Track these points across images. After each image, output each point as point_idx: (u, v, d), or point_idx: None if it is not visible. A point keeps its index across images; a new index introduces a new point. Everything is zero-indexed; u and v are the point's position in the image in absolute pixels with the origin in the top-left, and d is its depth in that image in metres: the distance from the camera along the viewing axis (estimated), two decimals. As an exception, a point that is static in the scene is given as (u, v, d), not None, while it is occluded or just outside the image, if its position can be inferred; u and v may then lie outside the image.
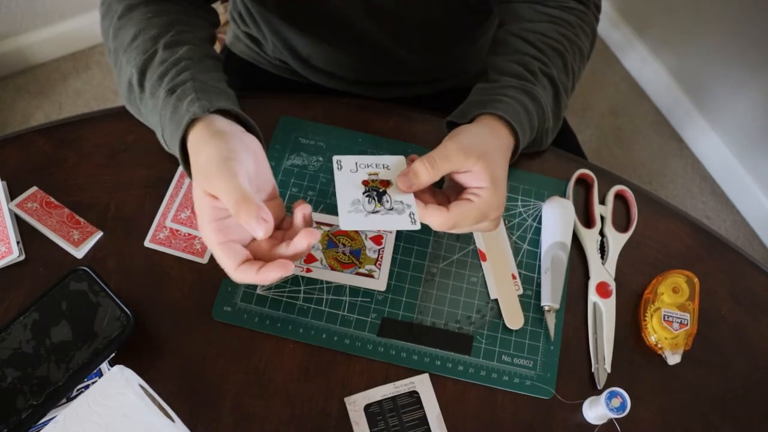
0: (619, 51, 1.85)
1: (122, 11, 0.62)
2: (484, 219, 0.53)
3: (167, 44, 0.59)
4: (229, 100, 0.57)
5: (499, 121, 0.59)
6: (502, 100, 0.59)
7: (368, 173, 0.54)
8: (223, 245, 0.50)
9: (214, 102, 0.55)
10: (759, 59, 1.43)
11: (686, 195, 1.64)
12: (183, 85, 0.56)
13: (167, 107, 0.56)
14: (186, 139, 0.55)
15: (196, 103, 0.54)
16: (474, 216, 0.53)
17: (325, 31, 0.75)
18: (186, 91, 0.56)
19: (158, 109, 0.57)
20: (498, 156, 0.56)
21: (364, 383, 0.57)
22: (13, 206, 0.62)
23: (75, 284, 0.57)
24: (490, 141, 0.56)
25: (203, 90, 0.56)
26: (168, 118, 0.56)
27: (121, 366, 0.48)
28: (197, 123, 0.54)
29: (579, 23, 0.67)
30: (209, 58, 0.62)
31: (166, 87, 0.57)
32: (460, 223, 0.53)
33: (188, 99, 0.55)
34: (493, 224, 0.55)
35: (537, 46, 0.64)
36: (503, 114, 0.58)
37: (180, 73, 0.57)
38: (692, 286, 0.62)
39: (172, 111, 0.55)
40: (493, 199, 0.53)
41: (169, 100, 0.56)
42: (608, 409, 0.53)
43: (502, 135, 0.58)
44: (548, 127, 0.64)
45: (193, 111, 0.54)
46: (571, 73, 0.65)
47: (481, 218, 0.53)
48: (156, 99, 0.57)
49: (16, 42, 1.61)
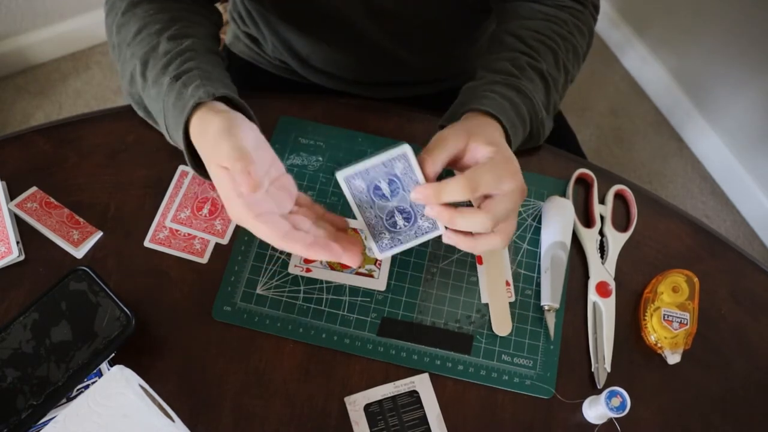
0: (619, 51, 1.85)
1: (125, 8, 0.62)
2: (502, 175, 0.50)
3: (171, 37, 0.60)
4: (232, 90, 0.58)
5: (486, 117, 0.58)
6: (487, 96, 0.59)
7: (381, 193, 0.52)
8: (260, 217, 0.50)
9: (218, 89, 0.55)
10: (759, 59, 1.43)
11: (686, 195, 1.64)
12: (189, 73, 0.57)
13: (171, 93, 0.56)
14: (189, 124, 0.55)
15: (201, 89, 0.55)
16: (488, 170, 0.50)
17: (324, 31, 0.75)
18: (191, 78, 0.56)
19: (162, 95, 0.57)
20: (487, 128, 0.55)
21: (364, 383, 0.57)
22: (13, 206, 0.62)
23: (75, 284, 0.57)
24: (476, 122, 0.56)
25: (208, 78, 0.57)
26: (172, 103, 0.56)
27: (121, 366, 0.48)
28: (201, 107, 0.54)
29: (574, 21, 0.67)
30: (213, 53, 0.63)
31: (171, 74, 0.57)
32: (478, 180, 0.49)
33: (193, 85, 0.56)
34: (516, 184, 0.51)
35: (528, 43, 0.64)
36: (488, 109, 0.57)
37: (185, 63, 0.58)
38: (692, 285, 0.62)
39: (177, 96, 0.56)
40: (500, 154, 0.51)
41: (174, 86, 0.56)
42: (608, 408, 0.53)
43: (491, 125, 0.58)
44: (542, 118, 0.63)
45: (198, 95, 0.54)
46: (563, 69, 0.65)
47: (497, 173, 0.50)
48: (159, 86, 0.58)
49: (16, 42, 1.61)
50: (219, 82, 0.57)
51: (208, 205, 0.64)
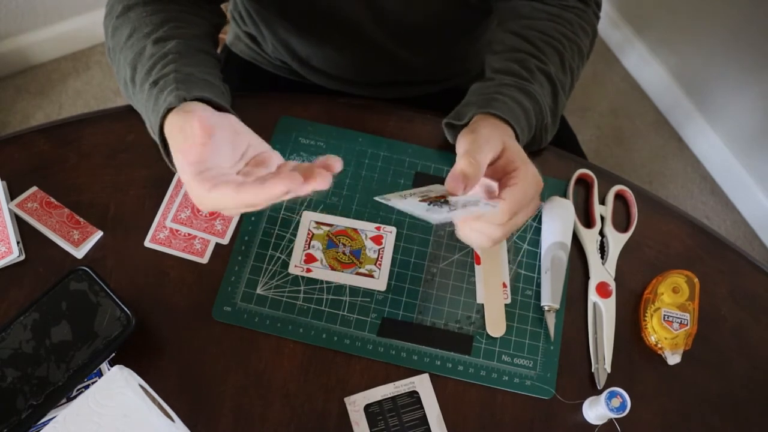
0: (619, 51, 1.85)
1: (121, 10, 0.62)
2: (532, 198, 0.52)
3: (156, 40, 0.59)
4: (209, 90, 0.56)
5: (496, 120, 0.58)
6: (498, 99, 0.59)
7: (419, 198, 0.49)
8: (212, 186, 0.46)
9: (191, 91, 0.55)
10: (759, 59, 1.43)
11: (686, 195, 1.64)
12: (166, 77, 0.56)
13: (150, 98, 0.56)
14: (163, 128, 0.54)
15: (174, 93, 0.54)
16: (524, 196, 0.50)
17: (324, 31, 0.75)
18: (167, 83, 0.56)
19: (143, 101, 0.58)
20: (510, 137, 0.56)
21: (364, 383, 0.57)
22: (13, 206, 0.62)
23: (75, 284, 0.57)
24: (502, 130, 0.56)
25: (184, 81, 0.56)
26: (151, 109, 0.56)
27: (121, 366, 0.48)
28: (173, 111, 0.53)
29: (578, 21, 0.67)
30: (201, 52, 0.61)
31: (151, 80, 0.57)
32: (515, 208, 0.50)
33: (168, 89, 0.55)
34: (537, 201, 0.53)
35: (534, 43, 0.64)
36: (500, 113, 0.57)
37: (165, 66, 0.57)
38: (692, 286, 0.62)
39: (154, 101, 0.56)
40: (531, 175, 0.52)
41: (152, 92, 0.56)
42: (608, 409, 0.53)
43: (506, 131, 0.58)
44: (546, 123, 0.63)
45: (169, 101, 0.53)
46: (569, 71, 0.65)
47: (528, 196, 0.51)
48: (143, 92, 0.58)
49: (16, 42, 1.61)
50: (196, 84, 0.56)
51: (208, 205, 0.64)
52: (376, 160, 0.68)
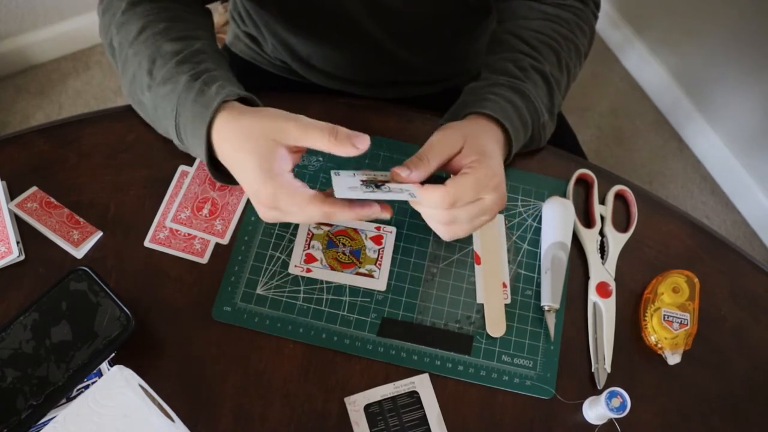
0: (619, 51, 1.85)
1: (126, 7, 0.62)
2: (483, 189, 0.53)
3: (178, 38, 0.60)
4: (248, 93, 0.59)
5: (488, 119, 0.59)
6: (489, 98, 0.60)
7: (365, 177, 0.55)
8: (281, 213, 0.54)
9: (241, 90, 0.57)
10: (759, 59, 1.43)
11: (686, 195, 1.64)
12: (208, 72, 0.58)
13: (191, 91, 0.57)
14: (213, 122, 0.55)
15: (227, 88, 0.56)
16: (471, 186, 0.53)
17: (324, 31, 0.75)
18: (213, 78, 0.58)
19: (177, 92, 0.57)
20: (482, 135, 0.57)
21: (364, 383, 0.57)
22: (13, 206, 0.62)
23: (75, 284, 0.57)
24: (474, 128, 0.58)
25: (228, 80, 0.59)
26: (192, 99, 0.56)
27: (121, 366, 0.48)
28: (224, 106, 0.55)
29: (575, 20, 0.67)
30: (221, 55, 0.64)
31: (188, 73, 0.58)
32: (459, 196, 0.52)
33: (216, 84, 0.57)
34: (496, 195, 0.54)
35: (530, 43, 0.64)
36: (490, 112, 0.58)
37: (201, 63, 0.59)
38: (692, 286, 0.62)
39: (197, 94, 0.56)
40: (485, 168, 0.53)
41: (194, 85, 0.57)
42: (608, 409, 0.53)
43: (490, 130, 0.59)
44: (544, 121, 0.64)
45: (225, 93, 0.55)
46: (565, 69, 0.65)
47: (478, 187, 0.53)
48: (174, 84, 0.58)
49: (16, 42, 1.61)
50: (236, 85, 0.59)
51: (208, 205, 0.64)
52: (376, 160, 0.68)
